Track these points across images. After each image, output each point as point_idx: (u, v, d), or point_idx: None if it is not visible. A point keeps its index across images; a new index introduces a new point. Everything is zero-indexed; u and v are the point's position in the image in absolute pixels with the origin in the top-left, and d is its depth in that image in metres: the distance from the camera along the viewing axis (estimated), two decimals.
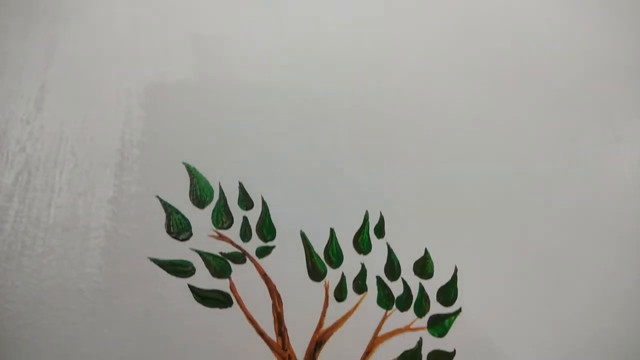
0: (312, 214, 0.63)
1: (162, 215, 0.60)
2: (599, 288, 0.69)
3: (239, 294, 0.60)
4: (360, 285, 0.63)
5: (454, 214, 0.67)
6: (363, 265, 0.63)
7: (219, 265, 0.60)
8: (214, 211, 0.61)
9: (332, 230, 0.63)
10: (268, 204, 0.63)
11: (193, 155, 0.62)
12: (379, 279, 0.63)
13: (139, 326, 0.58)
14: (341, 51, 0.68)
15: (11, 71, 0.62)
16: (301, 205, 0.63)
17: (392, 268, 0.64)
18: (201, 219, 0.61)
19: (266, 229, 0.62)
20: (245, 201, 0.62)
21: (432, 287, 0.64)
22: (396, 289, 0.64)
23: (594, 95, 0.74)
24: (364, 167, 0.66)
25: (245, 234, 0.62)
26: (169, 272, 0.59)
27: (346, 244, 0.64)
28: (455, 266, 0.65)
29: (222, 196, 0.62)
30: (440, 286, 0.65)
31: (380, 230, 0.64)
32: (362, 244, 0.64)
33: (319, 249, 0.63)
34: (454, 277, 0.65)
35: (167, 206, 0.60)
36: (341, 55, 0.68)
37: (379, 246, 0.64)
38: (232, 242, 0.61)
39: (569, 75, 0.74)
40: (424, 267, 0.64)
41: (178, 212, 0.60)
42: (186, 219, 0.60)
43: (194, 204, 0.61)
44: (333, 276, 0.63)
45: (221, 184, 0.62)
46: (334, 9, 0.69)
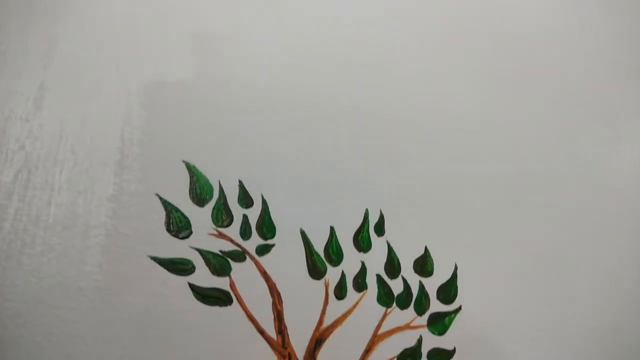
0: (312, 212, 0.63)
1: (162, 214, 0.60)
2: (599, 287, 0.69)
3: (239, 292, 0.60)
4: (360, 284, 0.63)
5: (454, 212, 0.67)
6: (363, 264, 0.63)
7: (218, 264, 0.60)
8: (213, 209, 0.61)
9: (332, 229, 0.63)
10: (268, 202, 0.63)
11: (193, 154, 0.62)
12: (379, 277, 0.63)
13: (139, 324, 0.58)
14: (341, 51, 0.68)
15: (11, 70, 0.62)
16: (301, 204, 0.63)
17: (392, 266, 0.64)
18: (201, 217, 0.61)
19: (266, 227, 0.62)
20: (245, 199, 0.62)
21: (432, 285, 0.64)
22: (396, 287, 0.64)
23: (594, 95, 0.74)
24: (364, 165, 0.66)
25: (245, 232, 0.61)
26: (169, 270, 0.59)
27: (346, 242, 0.64)
28: (455, 264, 0.65)
29: (222, 194, 0.62)
30: (440, 284, 0.65)
31: (380, 229, 0.64)
32: (362, 242, 0.64)
33: (319, 247, 0.63)
34: (454, 275, 0.65)
35: (167, 204, 0.60)
36: (341, 54, 0.68)
37: (379, 244, 0.64)
38: (232, 240, 0.61)
39: (569, 75, 0.74)
40: (424, 265, 0.64)
41: (178, 210, 0.60)
42: (186, 217, 0.60)
43: (193, 202, 0.61)
44: (333, 274, 0.63)
45: (221, 182, 0.62)
46: (334, 8, 0.69)
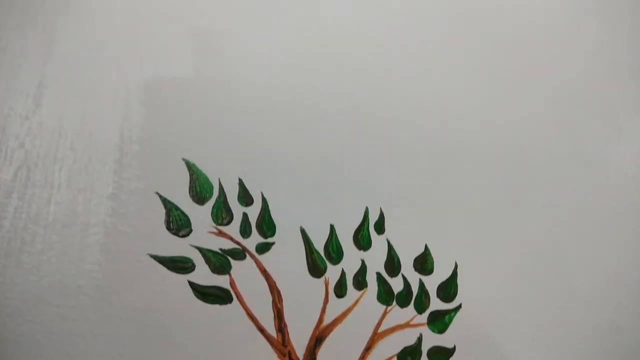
0: (312, 210, 0.63)
1: (161, 212, 0.60)
2: (599, 286, 0.69)
3: (239, 290, 0.60)
4: (360, 282, 0.63)
5: (454, 211, 0.67)
6: (363, 262, 0.63)
7: (218, 262, 0.60)
8: (213, 207, 0.61)
9: (332, 227, 0.63)
10: (268, 200, 0.63)
11: (193, 152, 0.62)
12: (379, 275, 0.63)
13: (138, 323, 0.58)
14: (341, 51, 0.68)
15: (10, 67, 0.62)
16: (301, 202, 0.63)
17: (392, 264, 0.64)
18: (201, 215, 0.61)
19: (266, 225, 0.62)
20: (245, 197, 0.62)
21: (432, 283, 0.64)
22: (396, 285, 0.64)
23: (594, 95, 0.74)
24: (364, 163, 0.66)
25: (245, 230, 0.61)
26: (168, 269, 0.59)
27: (346, 240, 0.63)
28: (456, 262, 0.65)
29: (222, 192, 0.62)
30: (440, 282, 0.65)
31: (380, 227, 0.64)
32: (362, 240, 0.64)
33: (319, 245, 0.63)
34: (454, 273, 0.65)
35: (166, 202, 0.60)
36: (341, 54, 0.68)
37: (379, 242, 0.64)
38: (232, 239, 0.61)
39: (569, 75, 0.73)
40: (424, 263, 0.64)
41: (178, 208, 0.60)
42: (186, 215, 0.60)
43: (193, 200, 0.61)
44: (333, 272, 0.63)
45: (221, 180, 0.62)
46: (334, 8, 0.69)
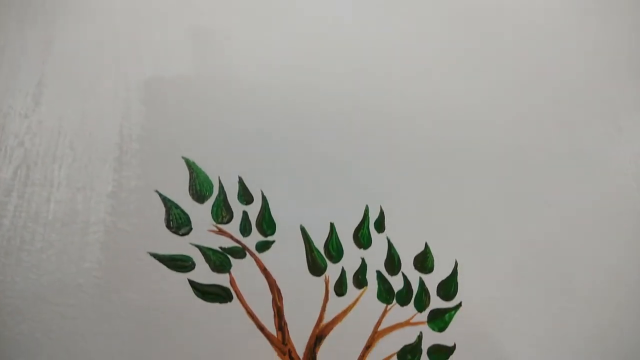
0: (312, 208, 0.63)
1: (161, 210, 0.60)
2: (600, 285, 0.69)
3: (239, 288, 0.60)
4: (360, 280, 0.63)
5: (454, 209, 0.67)
6: (363, 260, 0.63)
7: (218, 260, 0.60)
8: (213, 206, 0.61)
9: (332, 225, 0.63)
10: (268, 198, 0.62)
11: (192, 150, 0.62)
12: (379, 274, 0.63)
13: (138, 321, 0.58)
14: (341, 50, 0.68)
15: (9, 65, 0.62)
16: (301, 200, 0.63)
17: (392, 262, 0.64)
18: (201, 213, 0.61)
19: (266, 223, 0.62)
20: (245, 196, 0.62)
21: (432, 281, 0.64)
22: (396, 283, 0.64)
23: (594, 95, 0.73)
24: (364, 162, 0.66)
25: (245, 229, 0.61)
26: (168, 267, 0.59)
27: (346, 238, 0.63)
28: (456, 260, 0.65)
29: (222, 191, 0.62)
30: (440, 281, 0.65)
31: (380, 225, 0.64)
32: (362, 239, 0.64)
33: (319, 243, 0.63)
34: (454, 272, 0.65)
35: (166, 201, 0.60)
36: (341, 54, 0.68)
37: (379, 241, 0.64)
38: (231, 237, 0.61)
39: (569, 74, 0.73)
40: (424, 261, 0.64)
41: (178, 206, 0.60)
42: (186, 214, 0.60)
43: (193, 198, 0.61)
44: (333, 271, 0.63)
45: (221, 178, 0.62)
46: (334, 8, 0.69)
